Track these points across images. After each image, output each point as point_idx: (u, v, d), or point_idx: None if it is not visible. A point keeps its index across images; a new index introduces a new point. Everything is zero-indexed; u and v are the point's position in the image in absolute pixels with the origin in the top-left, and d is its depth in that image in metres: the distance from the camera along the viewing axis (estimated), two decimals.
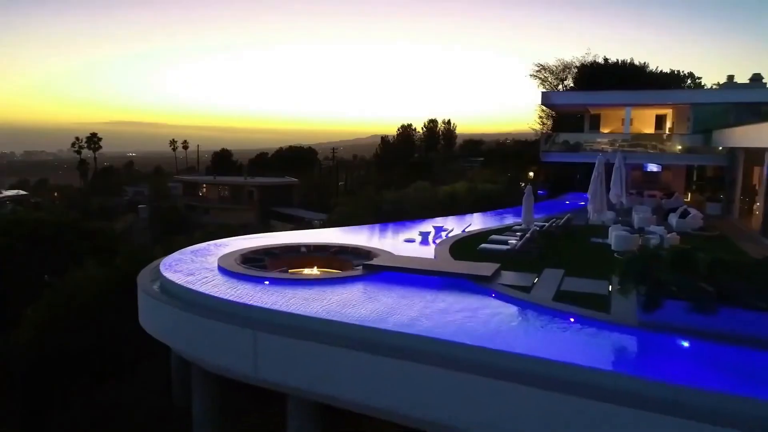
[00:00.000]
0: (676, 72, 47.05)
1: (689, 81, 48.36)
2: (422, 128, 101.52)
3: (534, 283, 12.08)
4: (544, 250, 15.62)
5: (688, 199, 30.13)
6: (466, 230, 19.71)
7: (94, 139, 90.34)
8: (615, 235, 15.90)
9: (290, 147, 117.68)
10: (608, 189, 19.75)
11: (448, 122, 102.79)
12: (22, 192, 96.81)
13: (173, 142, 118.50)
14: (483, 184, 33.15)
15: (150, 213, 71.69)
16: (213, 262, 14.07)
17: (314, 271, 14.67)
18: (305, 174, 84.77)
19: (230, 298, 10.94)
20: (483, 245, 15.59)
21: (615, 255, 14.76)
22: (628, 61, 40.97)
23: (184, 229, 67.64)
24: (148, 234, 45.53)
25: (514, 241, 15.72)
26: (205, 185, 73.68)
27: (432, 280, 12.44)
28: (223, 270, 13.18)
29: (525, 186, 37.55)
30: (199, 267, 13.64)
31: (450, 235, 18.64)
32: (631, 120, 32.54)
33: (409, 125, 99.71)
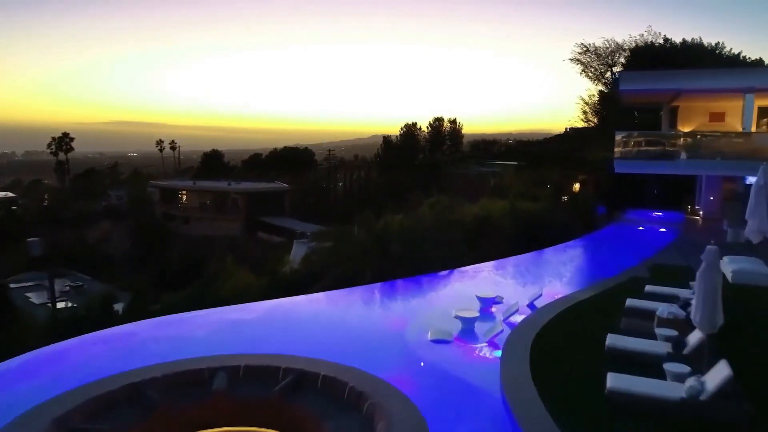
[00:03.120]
0: (741, 56, 38.36)
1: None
2: (427, 127, 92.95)
3: None
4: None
5: None
6: (535, 302, 11.21)
7: (65, 140, 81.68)
8: None
9: (285, 147, 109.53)
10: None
11: (454, 121, 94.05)
12: (10, 194, 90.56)
13: (159, 142, 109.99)
14: (520, 201, 24.67)
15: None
16: None
17: None
18: (302, 176, 76.29)
19: None
20: (614, 385, 6.99)
21: None
22: (697, 40, 32.43)
23: (162, 243, 59.53)
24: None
25: (679, 369, 7.21)
26: (184, 191, 65.14)
27: None
28: None
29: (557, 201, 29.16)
30: None
31: (509, 317, 10.16)
32: (723, 114, 24.07)
33: (414, 124, 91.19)
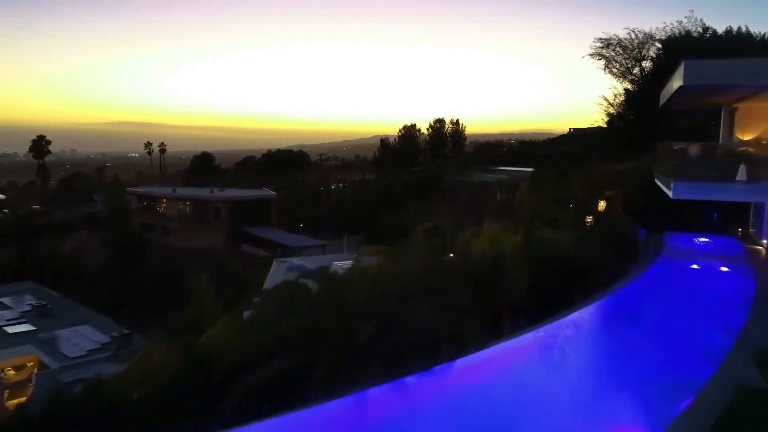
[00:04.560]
0: None
1: None
2: (427, 129, 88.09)
3: None
4: None
5: None
6: None
7: (41, 143, 76.82)
8: None
9: (279, 150, 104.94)
10: None
11: (456, 122, 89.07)
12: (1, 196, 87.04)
13: (148, 144, 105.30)
14: (536, 227, 19.68)
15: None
16: None
17: None
18: (294, 181, 71.44)
19: None
20: None
21: None
22: (743, 29, 27.41)
23: (138, 257, 54.54)
24: None
25: None
26: (164, 200, 60.20)
27: None
28: None
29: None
30: None
31: None
32: None
33: (413, 125, 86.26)
